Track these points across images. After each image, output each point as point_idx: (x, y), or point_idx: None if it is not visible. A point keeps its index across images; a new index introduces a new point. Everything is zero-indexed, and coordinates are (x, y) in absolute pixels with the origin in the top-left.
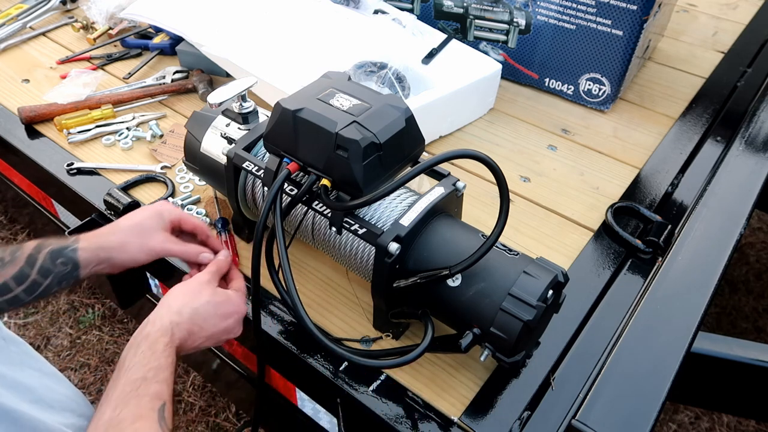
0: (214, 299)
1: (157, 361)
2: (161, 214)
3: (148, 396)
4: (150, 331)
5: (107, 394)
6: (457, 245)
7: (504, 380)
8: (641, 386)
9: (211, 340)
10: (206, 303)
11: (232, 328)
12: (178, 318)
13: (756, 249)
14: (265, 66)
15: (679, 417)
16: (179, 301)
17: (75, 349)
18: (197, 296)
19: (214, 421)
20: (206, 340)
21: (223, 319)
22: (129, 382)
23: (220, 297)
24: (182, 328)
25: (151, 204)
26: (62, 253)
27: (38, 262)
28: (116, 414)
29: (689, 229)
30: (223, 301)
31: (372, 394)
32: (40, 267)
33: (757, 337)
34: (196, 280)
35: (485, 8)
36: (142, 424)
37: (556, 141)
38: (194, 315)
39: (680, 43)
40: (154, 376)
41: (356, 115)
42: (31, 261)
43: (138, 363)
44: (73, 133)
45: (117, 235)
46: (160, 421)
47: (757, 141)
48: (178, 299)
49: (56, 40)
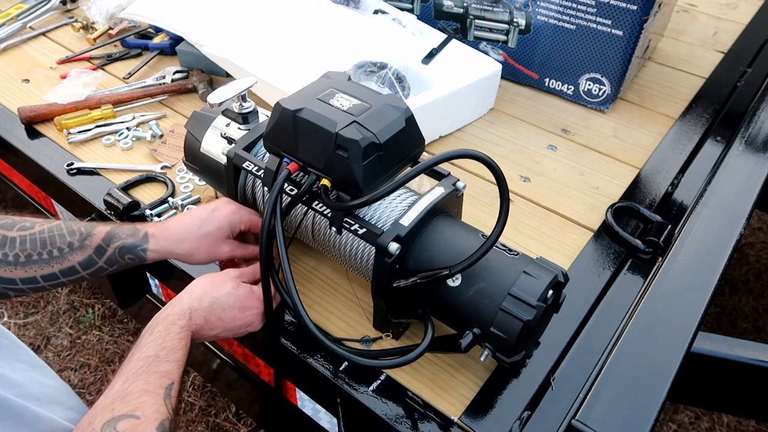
0: (236, 292)
1: (171, 341)
2: (232, 225)
3: (158, 373)
4: (169, 313)
5: (121, 369)
6: (457, 245)
7: (504, 380)
8: (641, 386)
9: (229, 332)
10: (227, 294)
11: (251, 321)
12: (198, 304)
13: (756, 249)
14: (265, 66)
15: (679, 417)
16: (201, 289)
17: (75, 349)
18: (220, 287)
19: (214, 421)
20: (224, 331)
21: (243, 311)
22: (141, 358)
23: (242, 290)
24: (200, 314)
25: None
26: (132, 250)
27: (107, 254)
28: (125, 387)
29: (689, 229)
30: (244, 294)
31: (372, 394)
32: (108, 258)
33: (757, 337)
34: (225, 273)
35: (485, 8)
36: (148, 398)
37: (556, 141)
38: (214, 304)
39: (680, 43)
40: (166, 355)
41: (356, 115)
42: (99, 251)
43: (153, 341)
44: (73, 133)
45: (187, 243)
46: (165, 398)
47: (757, 141)
48: (200, 287)
49: (56, 40)
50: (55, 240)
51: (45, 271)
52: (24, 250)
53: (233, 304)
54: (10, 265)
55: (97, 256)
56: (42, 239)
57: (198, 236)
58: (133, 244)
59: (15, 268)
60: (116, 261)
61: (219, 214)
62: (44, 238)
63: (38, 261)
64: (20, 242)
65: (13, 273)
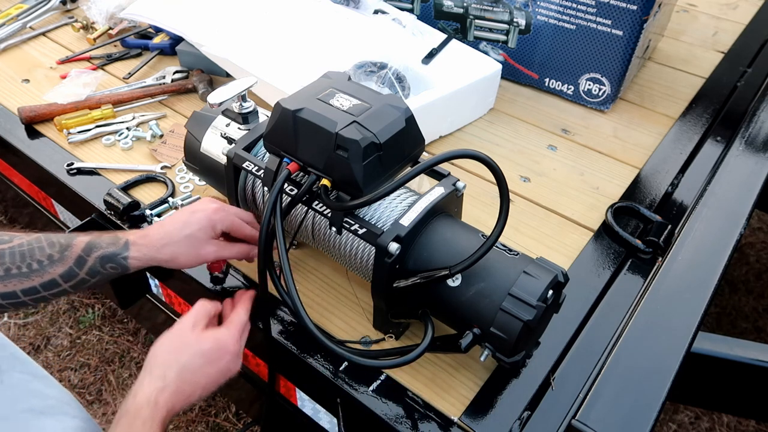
0: (200, 348)
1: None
2: (214, 226)
3: None
4: (129, 406)
5: None
6: (457, 245)
7: (504, 380)
8: (641, 386)
9: (208, 389)
10: (193, 355)
11: (227, 368)
12: (162, 382)
13: (756, 249)
14: (265, 66)
15: (679, 417)
16: (162, 360)
17: (75, 349)
18: (182, 350)
19: (214, 421)
20: (203, 392)
21: (215, 364)
22: None
23: (207, 343)
24: (168, 392)
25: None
26: (113, 259)
27: (87, 264)
28: None
29: (689, 229)
30: (211, 347)
31: (372, 394)
32: (89, 269)
33: (757, 337)
34: (179, 327)
35: (485, 8)
36: None
37: (556, 141)
38: (182, 372)
39: (680, 43)
40: None
41: (356, 115)
42: (80, 262)
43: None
44: (73, 133)
45: (169, 248)
46: None
47: (757, 141)
48: (160, 358)
49: (56, 40)
50: (35, 253)
51: (25, 285)
52: (3, 264)
53: (202, 362)
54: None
55: (77, 267)
56: (21, 252)
57: (179, 239)
58: (113, 253)
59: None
60: (98, 271)
61: (200, 215)
62: (23, 251)
63: (17, 275)
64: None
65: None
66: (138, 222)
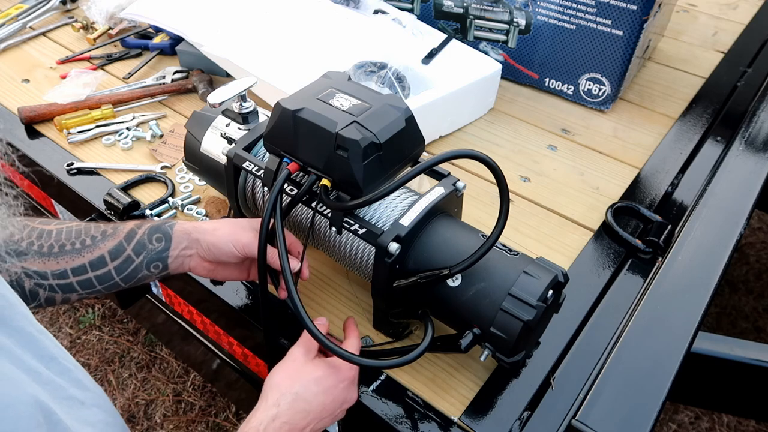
0: (314, 375)
1: None
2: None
3: None
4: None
5: None
6: (457, 245)
7: (504, 380)
8: (641, 386)
9: (323, 421)
10: (307, 382)
11: (343, 398)
12: (275, 410)
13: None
14: (265, 66)
15: (679, 417)
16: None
17: (75, 349)
18: (295, 377)
19: (214, 421)
20: (318, 423)
21: (330, 392)
22: None
23: (320, 369)
24: (280, 421)
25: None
26: (160, 228)
27: (137, 237)
28: None
29: (689, 229)
30: (325, 373)
31: (372, 394)
32: (137, 242)
33: (757, 337)
34: (292, 356)
35: (485, 8)
36: None
37: (556, 141)
38: (295, 401)
39: (680, 43)
40: None
41: (356, 115)
42: (130, 235)
43: None
44: (73, 133)
45: (211, 223)
46: None
47: (757, 141)
48: (274, 387)
49: (56, 40)
50: (90, 229)
51: (75, 263)
52: (59, 241)
53: (317, 390)
54: (44, 257)
55: (127, 241)
56: (77, 230)
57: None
58: (162, 222)
59: (48, 259)
60: (143, 247)
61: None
62: (80, 228)
63: (70, 251)
64: (56, 233)
65: (46, 265)
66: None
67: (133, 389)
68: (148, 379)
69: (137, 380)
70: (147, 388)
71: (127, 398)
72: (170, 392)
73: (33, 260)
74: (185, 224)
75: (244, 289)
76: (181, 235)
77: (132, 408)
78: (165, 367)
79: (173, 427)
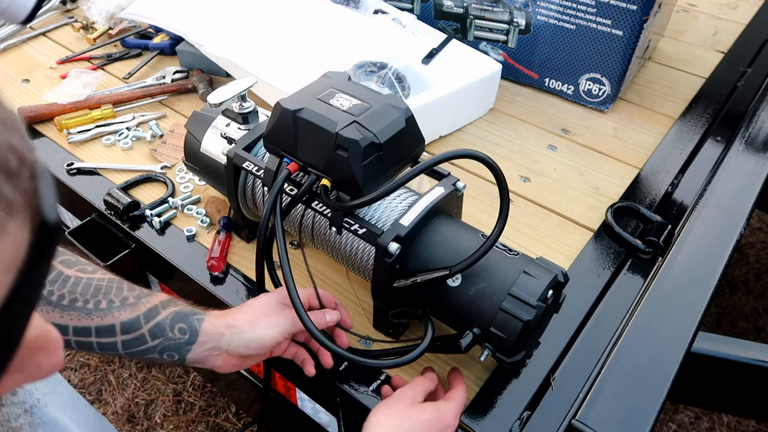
0: (420, 417)
1: None
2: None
3: None
4: None
5: None
6: (457, 245)
7: (504, 380)
8: (641, 386)
9: None
10: (412, 425)
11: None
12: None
13: (756, 249)
14: (265, 66)
15: (679, 417)
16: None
17: None
18: (402, 418)
19: (214, 421)
20: None
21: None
22: None
23: (427, 413)
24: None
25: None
26: (186, 318)
27: (157, 318)
28: None
29: (689, 229)
30: (430, 417)
31: (372, 394)
32: (155, 324)
33: (757, 337)
34: (399, 398)
35: (485, 8)
36: None
37: (556, 141)
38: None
39: (680, 43)
40: None
41: (356, 115)
42: (151, 313)
43: None
44: (73, 133)
45: (246, 314)
46: None
47: (757, 141)
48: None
49: (56, 40)
50: (111, 291)
51: (81, 323)
52: (72, 293)
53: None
54: (49, 305)
55: (145, 318)
56: (97, 287)
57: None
58: (190, 311)
59: (53, 309)
60: (162, 332)
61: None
62: (101, 286)
63: (80, 309)
64: (72, 283)
65: (48, 315)
66: (138, 222)
67: (133, 389)
68: (148, 379)
69: (137, 380)
70: (147, 388)
71: (127, 398)
72: (170, 392)
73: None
74: (215, 321)
75: (244, 289)
76: (210, 336)
77: (132, 408)
78: (165, 367)
79: (173, 427)
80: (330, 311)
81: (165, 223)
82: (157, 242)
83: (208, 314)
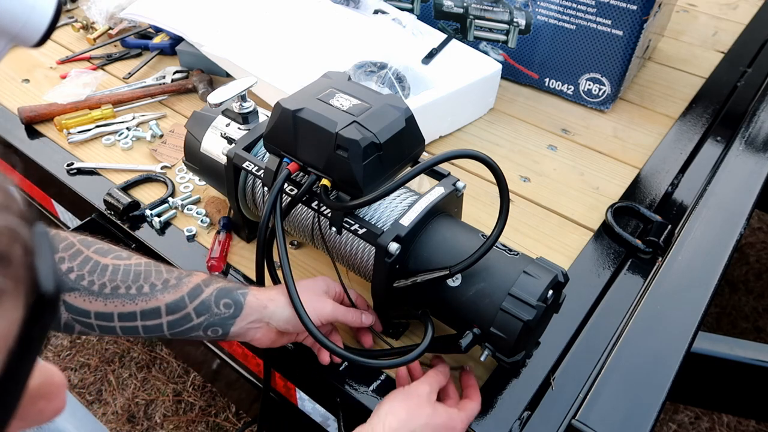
0: (433, 421)
1: None
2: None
3: None
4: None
5: None
6: (457, 245)
7: (504, 380)
8: (641, 386)
9: None
10: (424, 425)
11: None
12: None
13: (756, 249)
14: (265, 66)
15: (679, 417)
16: (392, 417)
17: (75, 349)
18: (415, 415)
19: (214, 421)
20: None
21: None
22: None
23: (440, 417)
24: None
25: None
26: (231, 293)
27: (201, 296)
28: None
29: (689, 229)
30: (442, 423)
31: (372, 394)
32: (201, 302)
33: (757, 337)
34: (416, 392)
35: (485, 8)
36: None
37: (556, 141)
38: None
39: (680, 43)
40: None
41: (356, 115)
42: (195, 291)
43: None
44: (73, 133)
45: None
46: None
47: (757, 141)
48: (394, 415)
49: (56, 40)
50: (151, 275)
51: (126, 309)
52: (113, 281)
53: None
54: (91, 295)
55: (189, 297)
56: (137, 272)
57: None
58: (233, 286)
59: (96, 299)
60: (208, 308)
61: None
62: (139, 271)
63: (123, 296)
64: (112, 271)
65: (92, 305)
66: (138, 222)
67: (133, 389)
68: (148, 379)
69: (137, 380)
70: (147, 388)
71: (127, 398)
72: (170, 392)
73: (78, 296)
74: (259, 294)
75: None
76: (254, 308)
77: (132, 408)
78: (165, 367)
79: (173, 427)
80: (366, 313)
81: (165, 223)
82: (157, 242)
83: (250, 289)
